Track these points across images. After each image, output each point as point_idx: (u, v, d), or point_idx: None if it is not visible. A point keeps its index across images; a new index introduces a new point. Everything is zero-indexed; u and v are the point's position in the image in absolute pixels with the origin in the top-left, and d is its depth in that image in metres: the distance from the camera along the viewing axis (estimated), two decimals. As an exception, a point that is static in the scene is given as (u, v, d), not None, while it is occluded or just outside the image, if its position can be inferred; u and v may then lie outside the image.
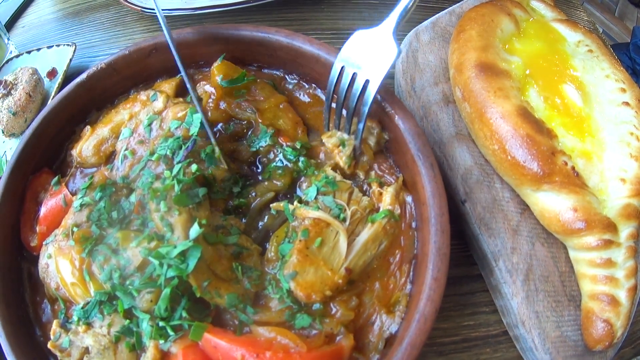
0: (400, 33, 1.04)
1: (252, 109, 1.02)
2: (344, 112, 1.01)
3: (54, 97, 1.41)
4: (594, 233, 0.94)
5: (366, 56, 0.96)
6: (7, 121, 1.45)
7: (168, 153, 0.92)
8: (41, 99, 1.53)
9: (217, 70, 1.08)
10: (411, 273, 0.87)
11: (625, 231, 0.95)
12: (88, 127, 1.15)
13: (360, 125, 0.97)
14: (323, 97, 1.11)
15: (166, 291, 0.80)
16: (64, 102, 1.14)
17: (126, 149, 1.01)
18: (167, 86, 1.12)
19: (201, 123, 0.95)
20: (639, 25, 3.38)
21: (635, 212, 0.96)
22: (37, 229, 1.07)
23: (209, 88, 1.06)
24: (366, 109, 0.95)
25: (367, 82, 0.94)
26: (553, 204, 0.96)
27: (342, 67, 0.97)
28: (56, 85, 1.48)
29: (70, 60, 1.53)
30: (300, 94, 1.10)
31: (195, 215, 0.82)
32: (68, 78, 1.48)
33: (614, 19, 6.27)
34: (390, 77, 1.29)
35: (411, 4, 0.99)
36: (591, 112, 1.09)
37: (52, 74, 1.60)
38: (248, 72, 1.13)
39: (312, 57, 1.03)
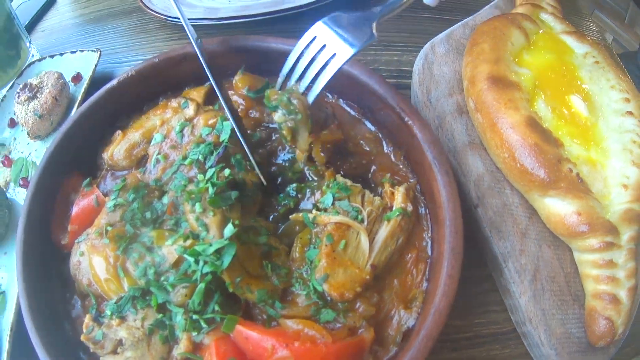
0: (416, 45, 1.12)
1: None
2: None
3: (80, 101, 1.50)
4: (596, 236, 1.01)
5: (340, 34, 1.02)
6: (32, 123, 1.51)
7: (200, 158, 1.01)
8: (67, 103, 1.59)
9: (241, 83, 1.20)
10: (427, 272, 0.94)
11: (627, 234, 1.02)
12: (119, 131, 1.23)
13: (311, 98, 1.03)
14: (347, 108, 1.15)
15: (201, 286, 0.87)
16: (94, 107, 1.22)
17: (159, 153, 1.09)
18: (196, 94, 1.20)
19: (232, 130, 1.01)
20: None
21: (636, 217, 1.04)
22: (69, 228, 1.12)
23: (237, 98, 1.13)
24: (324, 81, 1.01)
25: (333, 55, 1.00)
26: (559, 209, 1.04)
27: (314, 38, 1.04)
28: (82, 90, 1.55)
29: (96, 65, 1.58)
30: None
31: (229, 216, 0.90)
32: (93, 83, 1.57)
33: (624, 26, 6.28)
34: (406, 87, 1.38)
35: (400, 3, 1.04)
36: (597, 121, 1.17)
37: (76, 78, 1.66)
38: (271, 80, 1.17)
39: (339, 75, 1.06)
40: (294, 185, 1.04)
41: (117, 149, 1.18)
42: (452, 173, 0.94)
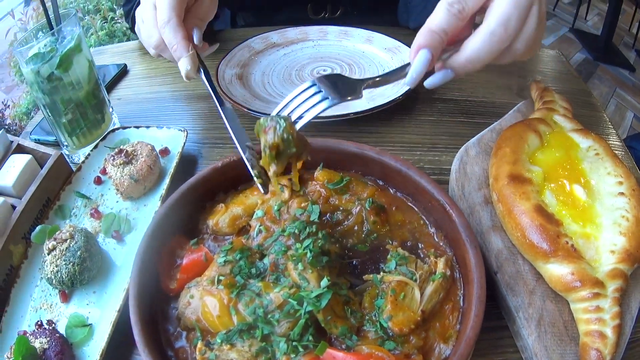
0: (453, 146, 1.59)
1: (357, 200, 1.51)
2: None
3: (173, 174, 1.86)
4: (586, 289, 1.34)
5: (336, 86, 1.44)
6: (127, 186, 1.80)
7: (296, 231, 1.38)
8: (158, 172, 1.90)
9: (321, 177, 1.57)
10: (459, 317, 1.33)
11: (612, 287, 1.36)
12: (222, 204, 1.59)
13: (299, 126, 1.39)
14: (403, 199, 1.58)
15: (301, 321, 1.22)
16: (200, 182, 1.58)
17: (261, 225, 1.48)
18: (285, 181, 1.53)
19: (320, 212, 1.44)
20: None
21: (620, 273, 1.38)
22: (178, 276, 1.41)
23: (319, 188, 1.54)
24: (312, 114, 1.41)
25: (325, 99, 1.41)
26: (557, 271, 1.40)
27: (314, 84, 1.44)
28: (174, 163, 1.90)
29: (184, 144, 1.96)
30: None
31: (322, 274, 1.29)
32: (181, 159, 1.90)
33: None
34: (445, 182, 1.78)
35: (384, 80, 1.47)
36: (593, 203, 1.55)
37: (164, 152, 1.99)
38: (344, 174, 1.59)
39: (395, 170, 1.54)
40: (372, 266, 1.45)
41: (222, 219, 1.55)
42: (479, 248, 1.34)
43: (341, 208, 1.55)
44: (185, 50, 1.71)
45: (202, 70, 1.77)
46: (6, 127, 6.80)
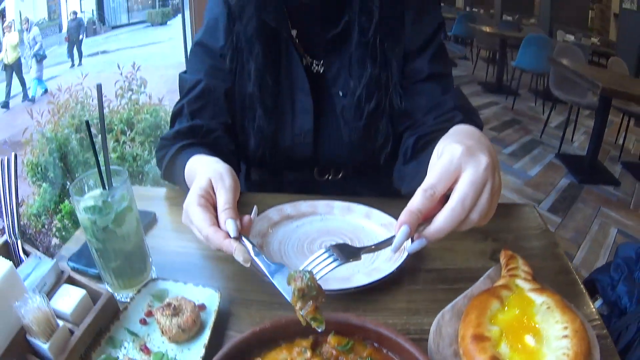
0: (432, 310, 2.04)
1: (359, 358, 1.93)
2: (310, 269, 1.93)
3: (212, 327, 2.17)
4: None
5: (343, 252, 1.97)
6: (175, 333, 2.08)
7: None
8: (200, 324, 2.19)
9: (332, 341, 1.98)
10: None
11: None
12: (259, 359, 1.97)
13: (317, 277, 1.91)
14: (392, 356, 1.99)
15: None
16: (242, 340, 1.95)
17: None
18: (305, 343, 1.98)
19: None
20: (624, 244, 3.99)
21: None
22: None
23: (331, 349, 1.96)
24: (326, 270, 1.94)
25: (334, 262, 1.94)
26: None
27: (328, 250, 1.98)
28: (212, 319, 2.20)
29: (219, 304, 2.26)
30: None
31: None
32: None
33: (629, 213, 7.30)
34: (425, 340, 2.16)
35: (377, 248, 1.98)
36: (541, 347, 1.93)
37: (201, 307, 2.25)
38: (350, 339, 2.02)
39: (387, 337, 1.93)
40: None
41: (262, 367, 1.95)
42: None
43: None
44: (232, 248, 2.11)
45: (251, 253, 2.15)
46: (22, 227, 7.17)
